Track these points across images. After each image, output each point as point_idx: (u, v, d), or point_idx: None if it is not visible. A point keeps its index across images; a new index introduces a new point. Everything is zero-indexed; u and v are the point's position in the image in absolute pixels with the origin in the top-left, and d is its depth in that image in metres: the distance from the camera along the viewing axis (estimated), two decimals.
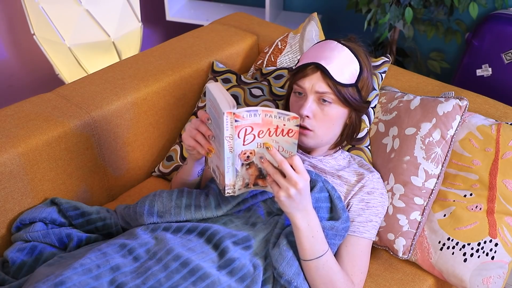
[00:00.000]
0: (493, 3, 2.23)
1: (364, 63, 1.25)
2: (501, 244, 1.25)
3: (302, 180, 1.00)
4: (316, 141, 1.25)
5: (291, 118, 0.99)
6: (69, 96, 1.46)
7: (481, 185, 1.30)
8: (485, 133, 1.33)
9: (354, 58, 1.23)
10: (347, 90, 1.20)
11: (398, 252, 1.31)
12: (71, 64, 2.20)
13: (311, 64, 1.21)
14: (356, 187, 1.26)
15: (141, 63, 1.63)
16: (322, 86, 1.19)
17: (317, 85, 1.20)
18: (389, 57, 1.56)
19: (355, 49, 1.25)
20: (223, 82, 1.61)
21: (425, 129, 1.33)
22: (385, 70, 1.53)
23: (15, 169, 1.28)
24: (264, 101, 1.54)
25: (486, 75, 2.17)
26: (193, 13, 2.76)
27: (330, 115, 1.22)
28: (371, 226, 1.23)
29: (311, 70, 1.21)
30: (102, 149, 1.46)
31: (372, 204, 1.25)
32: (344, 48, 1.23)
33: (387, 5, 2.10)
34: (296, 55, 1.68)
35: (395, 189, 1.33)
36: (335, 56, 1.21)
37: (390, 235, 1.31)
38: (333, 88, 1.19)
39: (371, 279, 1.29)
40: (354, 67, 1.22)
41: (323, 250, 1.10)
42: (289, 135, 1.01)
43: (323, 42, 1.28)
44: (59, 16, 2.05)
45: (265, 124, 1.00)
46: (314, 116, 1.21)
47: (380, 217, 1.27)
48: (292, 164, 1.00)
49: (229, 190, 1.07)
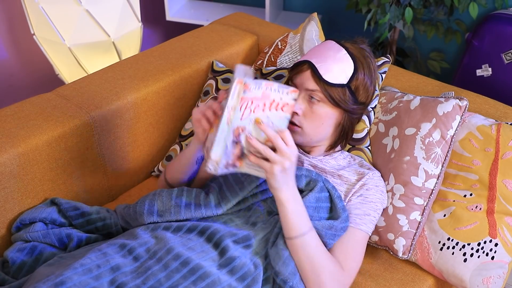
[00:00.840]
0: (493, 3, 2.23)
1: (361, 64, 1.24)
2: (501, 244, 1.25)
3: (295, 152, 1.03)
4: (304, 139, 1.26)
5: (290, 92, 1.00)
6: (69, 96, 1.46)
7: (481, 185, 1.30)
8: (485, 133, 1.33)
9: (349, 58, 1.22)
10: (335, 90, 1.20)
11: (398, 252, 1.31)
12: (71, 64, 2.20)
13: (304, 62, 1.23)
14: (357, 185, 1.26)
15: (141, 63, 1.63)
16: (311, 84, 1.21)
17: (306, 82, 1.21)
18: (389, 57, 1.56)
19: (354, 50, 1.25)
20: (223, 82, 1.61)
21: (425, 129, 1.33)
22: (385, 71, 1.53)
23: (15, 169, 1.27)
24: None
25: (486, 75, 2.17)
26: (193, 13, 2.76)
27: (318, 113, 1.22)
28: (368, 220, 1.23)
29: (304, 67, 1.23)
30: (102, 149, 1.46)
31: (370, 199, 1.25)
32: (340, 48, 1.24)
33: (387, 5, 2.10)
34: (296, 55, 1.68)
35: (395, 189, 1.33)
36: (329, 55, 1.22)
37: (390, 235, 1.31)
38: (321, 86, 1.20)
39: (371, 279, 1.29)
40: (347, 67, 1.22)
41: (308, 226, 1.10)
42: (283, 109, 1.01)
43: (323, 42, 1.29)
44: (59, 16, 2.05)
45: (263, 98, 0.99)
46: (303, 113, 1.23)
47: (378, 213, 1.27)
48: (284, 138, 1.02)
49: (211, 166, 1.02)
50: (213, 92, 1.60)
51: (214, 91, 1.60)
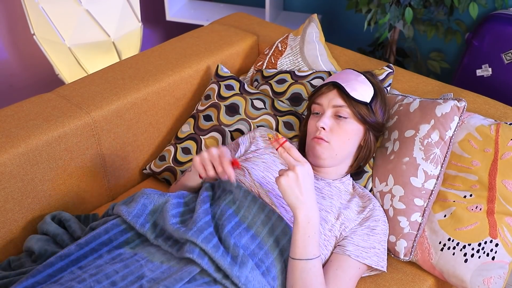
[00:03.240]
0: (493, 3, 2.23)
1: (379, 89, 1.34)
2: (502, 244, 1.25)
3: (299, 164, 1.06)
4: (330, 153, 1.27)
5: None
6: (69, 96, 1.46)
7: (480, 185, 1.30)
8: (484, 133, 1.33)
9: (369, 83, 1.32)
10: (361, 106, 1.28)
11: (400, 254, 1.31)
12: (71, 64, 2.20)
13: (328, 84, 1.31)
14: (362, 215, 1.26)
15: (141, 63, 1.63)
16: (338, 101, 1.28)
17: (333, 100, 1.28)
18: (392, 67, 1.55)
19: (370, 77, 1.35)
20: (225, 88, 1.60)
21: (424, 131, 1.33)
22: (390, 83, 1.54)
23: (15, 169, 1.28)
24: (265, 115, 1.53)
25: (486, 75, 2.17)
26: (193, 13, 2.76)
27: (345, 129, 1.27)
28: (373, 253, 1.22)
29: (328, 88, 1.31)
30: (102, 149, 1.46)
31: (377, 231, 1.25)
32: (359, 74, 1.34)
33: (387, 5, 2.10)
34: (297, 57, 1.67)
35: (395, 191, 1.33)
36: (351, 78, 1.31)
37: (391, 237, 1.31)
38: (348, 103, 1.27)
39: (370, 279, 1.29)
40: (368, 89, 1.30)
41: (314, 254, 1.09)
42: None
43: (342, 70, 1.40)
44: (59, 16, 2.05)
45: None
46: (330, 129, 1.27)
47: (383, 245, 1.26)
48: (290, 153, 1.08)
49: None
50: (214, 98, 1.59)
51: (215, 97, 1.59)
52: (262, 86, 1.64)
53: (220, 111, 1.56)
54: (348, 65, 1.68)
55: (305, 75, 1.60)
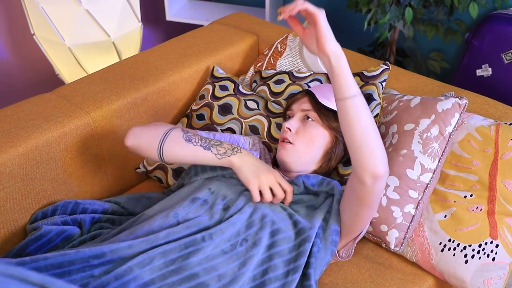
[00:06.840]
0: (493, 3, 2.23)
1: None
2: (502, 245, 1.25)
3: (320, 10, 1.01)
4: (294, 156, 1.29)
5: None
6: (69, 96, 1.46)
7: (481, 186, 1.30)
8: (484, 133, 1.33)
9: None
10: (328, 113, 1.31)
11: (390, 244, 1.31)
12: (71, 64, 2.20)
13: (302, 91, 1.40)
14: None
15: (141, 63, 1.63)
16: (306, 105, 1.33)
17: (303, 104, 1.34)
18: (388, 64, 1.56)
19: None
20: (220, 89, 1.61)
21: (424, 125, 1.33)
22: (385, 79, 1.53)
23: (15, 169, 1.28)
24: (257, 115, 1.54)
25: (486, 75, 2.17)
26: (193, 13, 2.76)
27: (310, 132, 1.30)
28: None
29: (301, 95, 1.38)
30: (102, 149, 1.46)
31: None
32: None
33: (387, 5, 2.10)
34: (296, 58, 1.67)
35: (390, 181, 1.33)
36: (326, 89, 1.36)
37: (383, 226, 1.31)
38: (315, 107, 1.31)
39: (371, 279, 1.29)
40: None
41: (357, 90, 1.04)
42: None
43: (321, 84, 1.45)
44: (59, 16, 2.05)
45: None
46: (296, 131, 1.31)
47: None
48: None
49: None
50: (208, 98, 1.60)
51: (209, 97, 1.60)
52: (260, 87, 1.64)
53: (213, 111, 1.57)
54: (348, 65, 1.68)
55: (303, 76, 1.61)
